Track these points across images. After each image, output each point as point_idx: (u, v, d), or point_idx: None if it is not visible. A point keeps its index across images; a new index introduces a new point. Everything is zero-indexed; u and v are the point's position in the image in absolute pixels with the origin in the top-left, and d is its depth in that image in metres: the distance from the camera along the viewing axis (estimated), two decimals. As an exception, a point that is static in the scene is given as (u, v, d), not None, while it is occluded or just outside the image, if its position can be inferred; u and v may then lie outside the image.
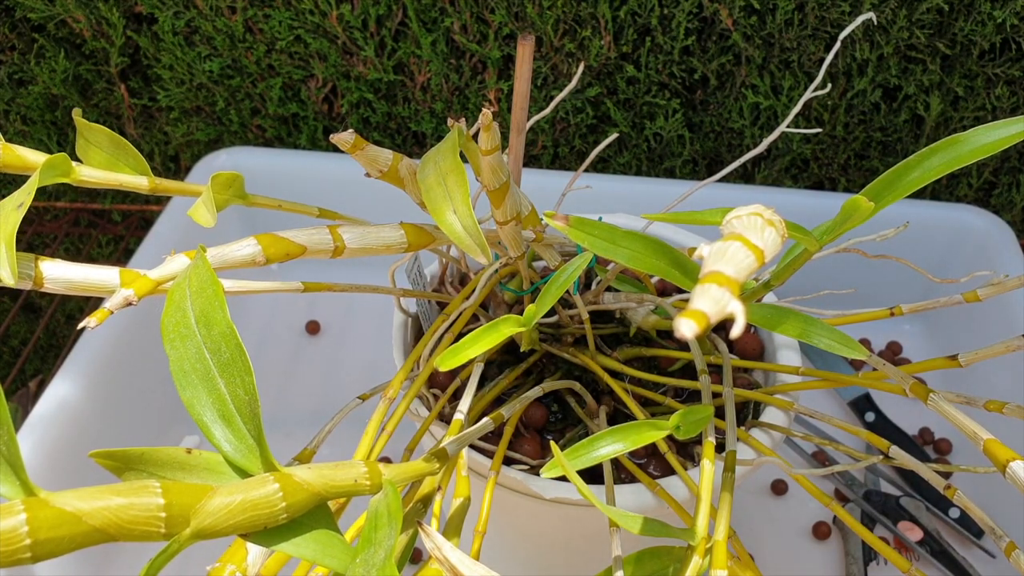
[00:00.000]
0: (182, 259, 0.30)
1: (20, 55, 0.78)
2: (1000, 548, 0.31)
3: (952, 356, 0.35)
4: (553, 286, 0.33)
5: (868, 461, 0.37)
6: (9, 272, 0.27)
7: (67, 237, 0.91)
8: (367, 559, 0.23)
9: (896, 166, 0.29)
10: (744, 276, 0.18)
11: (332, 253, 0.33)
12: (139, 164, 0.34)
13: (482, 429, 0.35)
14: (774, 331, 0.30)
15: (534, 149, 0.80)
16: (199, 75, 0.77)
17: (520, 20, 0.71)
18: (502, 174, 0.32)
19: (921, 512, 0.59)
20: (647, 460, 0.44)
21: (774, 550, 0.58)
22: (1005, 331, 0.63)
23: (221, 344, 0.24)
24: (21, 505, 0.18)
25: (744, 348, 0.49)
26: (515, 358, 0.47)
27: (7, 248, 0.27)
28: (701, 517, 0.29)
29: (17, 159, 0.32)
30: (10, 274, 0.27)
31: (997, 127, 0.28)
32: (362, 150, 0.32)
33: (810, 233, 0.28)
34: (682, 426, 0.31)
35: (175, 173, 0.87)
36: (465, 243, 0.29)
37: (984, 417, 0.34)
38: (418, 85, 0.76)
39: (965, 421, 0.30)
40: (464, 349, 0.31)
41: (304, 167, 0.76)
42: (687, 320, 0.16)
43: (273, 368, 0.71)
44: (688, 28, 0.70)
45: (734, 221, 0.20)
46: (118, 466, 0.22)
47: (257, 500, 0.21)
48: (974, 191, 0.78)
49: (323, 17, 0.72)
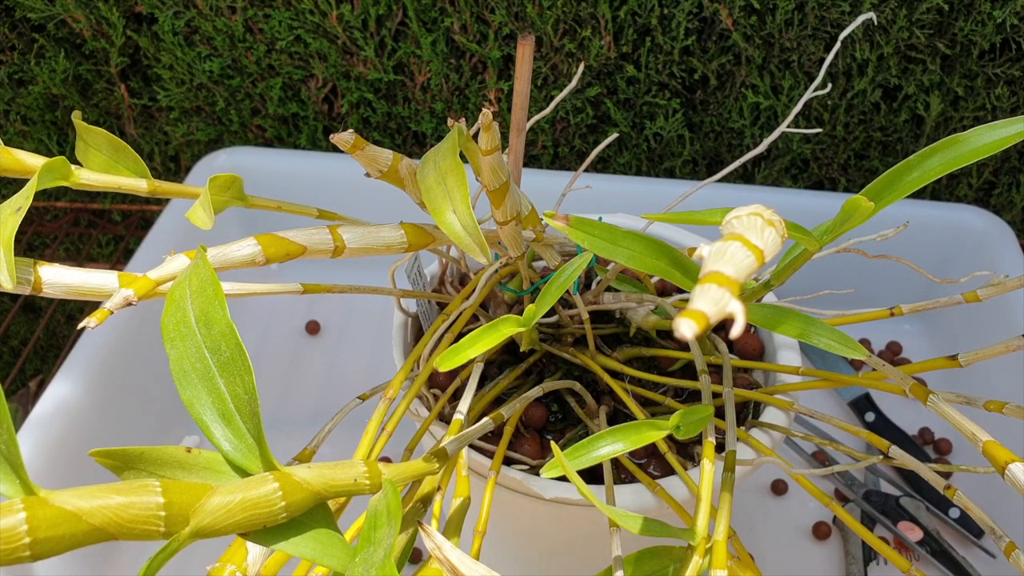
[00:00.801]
0: (182, 259, 0.30)
1: (20, 55, 0.78)
2: (1000, 548, 0.31)
3: (952, 356, 0.35)
4: (553, 286, 0.33)
5: (868, 461, 0.37)
6: (7, 276, 0.27)
7: (67, 237, 0.91)
8: (366, 558, 0.23)
9: (896, 166, 0.29)
10: (744, 276, 0.18)
11: (332, 253, 0.33)
12: (138, 166, 0.34)
13: (482, 429, 0.35)
14: (774, 331, 0.30)
15: (534, 149, 0.80)
16: (199, 75, 0.77)
17: (520, 20, 0.71)
18: (502, 174, 0.32)
19: (921, 512, 0.59)
20: (647, 460, 0.44)
21: (774, 550, 0.58)
22: (1005, 331, 0.63)
23: (221, 343, 0.24)
24: (21, 504, 0.18)
25: (744, 348, 0.49)
26: (515, 358, 0.47)
27: (5, 252, 0.27)
28: (701, 517, 0.29)
29: (16, 163, 0.32)
30: (8, 278, 0.27)
31: (997, 127, 0.28)
32: (362, 150, 0.32)
33: (810, 233, 0.28)
34: (682, 426, 0.31)
35: (175, 173, 0.87)
36: (464, 243, 0.29)
37: (984, 417, 0.34)
38: (418, 85, 0.76)
39: (964, 422, 0.30)
40: (464, 349, 0.31)
41: (304, 167, 0.76)
42: (687, 320, 0.16)
43: (273, 368, 0.71)
44: (688, 28, 0.70)
45: (734, 221, 0.20)
46: (118, 465, 0.22)
47: (256, 499, 0.21)
48: (974, 191, 0.78)
49: (323, 17, 0.72)
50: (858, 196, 0.27)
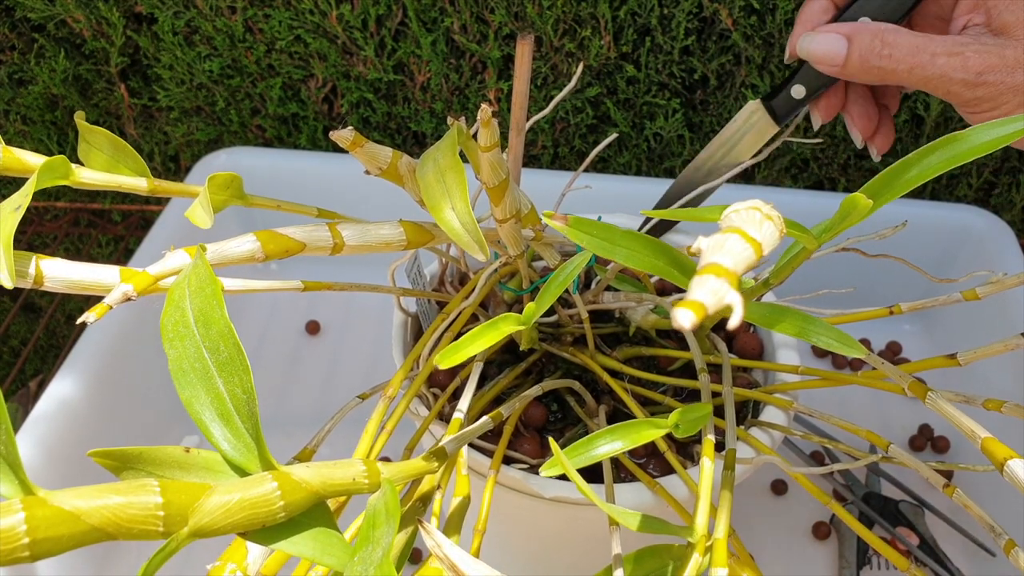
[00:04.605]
0: (181, 255, 0.30)
1: (20, 55, 0.78)
2: (999, 546, 0.31)
3: (951, 355, 0.35)
4: (552, 285, 0.33)
5: (867, 460, 0.37)
6: (7, 275, 0.27)
7: (67, 237, 0.91)
8: (365, 557, 0.23)
9: (894, 164, 0.29)
10: (742, 268, 0.18)
11: (331, 250, 0.33)
12: (138, 166, 0.34)
13: (481, 428, 0.35)
14: (773, 329, 0.30)
15: (534, 149, 0.80)
16: (199, 75, 0.77)
17: (520, 20, 0.71)
18: (501, 171, 0.32)
19: (920, 518, 0.59)
20: (647, 459, 0.44)
21: (774, 550, 0.58)
22: (1004, 330, 0.63)
23: (219, 343, 0.24)
24: (20, 504, 0.18)
25: (743, 347, 0.49)
26: (515, 357, 0.47)
27: (4, 251, 0.27)
28: (700, 515, 0.29)
29: (16, 162, 0.32)
30: (7, 276, 0.27)
31: (995, 126, 0.28)
32: (362, 147, 0.32)
33: (809, 231, 0.28)
34: (681, 424, 0.31)
35: (175, 173, 0.87)
36: (463, 240, 0.29)
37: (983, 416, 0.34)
38: (418, 85, 0.76)
39: (963, 420, 0.30)
40: (464, 347, 0.31)
41: (304, 167, 0.76)
42: (685, 310, 0.16)
43: (273, 368, 0.71)
44: (688, 28, 0.70)
45: (732, 215, 0.20)
46: (117, 465, 0.22)
47: (255, 499, 0.21)
48: (974, 191, 0.78)
49: (323, 17, 0.72)
50: (856, 194, 0.27)
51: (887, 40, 0.37)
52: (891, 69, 0.37)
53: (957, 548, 0.58)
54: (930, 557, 0.57)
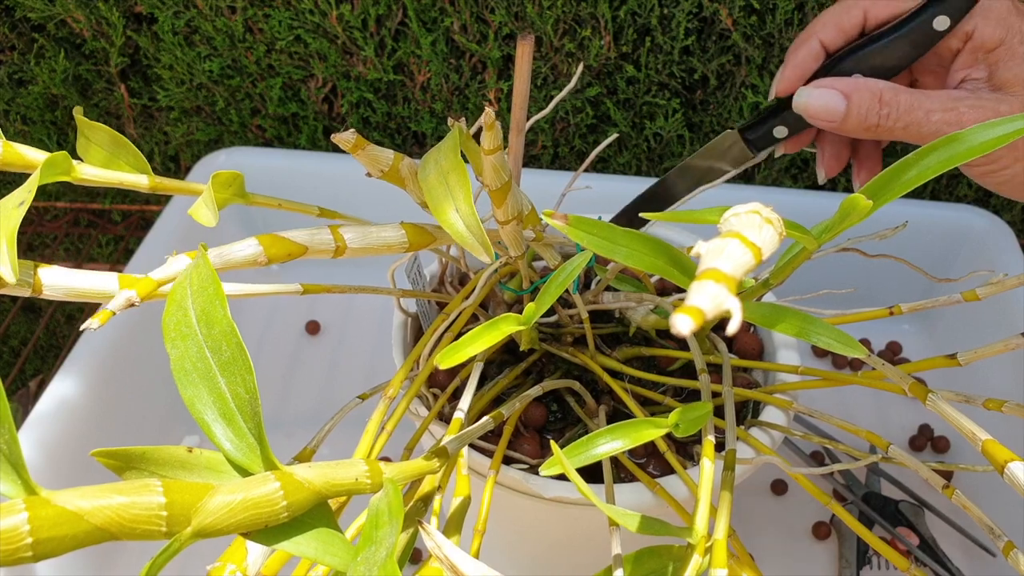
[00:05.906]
0: (184, 260, 0.30)
1: (20, 55, 0.78)
2: (999, 547, 0.31)
3: (951, 355, 0.35)
4: (552, 285, 0.33)
5: (867, 460, 0.37)
6: (10, 269, 0.27)
7: (67, 237, 0.91)
8: (368, 557, 0.23)
9: (894, 164, 0.29)
10: (741, 273, 0.18)
11: (333, 253, 0.33)
12: (139, 163, 0.34)
13: (482, 428, 0.35)
14: (773, 329, 0.30)
15: (534, 149, 0.80)
16: (199, 75, 0.77)
17: (520, 20, 0.71)
18: (504, 173, 0.32)
19: (920, 518, 0.59)
20: (647, 459, 0.44)
21: (774, 550, 0.58)
22: (1004, 330, 0.63)
23: (222, 343, 0.24)
24: (22, 504, 0.18)
25: (743, 347, 0.49)
26: (515, 358, 0.47)
27: (8, 245, 0.27)
28: (700, 515, 0.29)
29: (18, 157, 0.32)
30: (11, 271, 0.27)
31: (994, 125, 0.28)
32: (363, 149, 0.32)
33: (808, 232, 0.28)
34: (681, 424, 0.31)
35: (175, 173, 0.87)
36: (468, 241, 0.29)
37: (983, 416, 0.34)
38: (418, 85, 0.76)
39: (964, 421, 0.30)
40: (464, 347, 0.31)
41: (304, 167, 0.77)
42: (684, 316, 0.16)
43: (273, 368, 0.71)
44: (688, 28, 0.70)
45: (732, 219, 0.20)
46: (119, 465, 0.22)
47: (258, 499, 0.21)
48: (974, 191, 0.78)
49: (323, 17, 0.72)
50: (856, 194, 0.27)
51: (885, 99, 0.37)
52: (888, 127, 0.38)
53: (957, 548, 0.58)
54: (930, 557, 0.57)
